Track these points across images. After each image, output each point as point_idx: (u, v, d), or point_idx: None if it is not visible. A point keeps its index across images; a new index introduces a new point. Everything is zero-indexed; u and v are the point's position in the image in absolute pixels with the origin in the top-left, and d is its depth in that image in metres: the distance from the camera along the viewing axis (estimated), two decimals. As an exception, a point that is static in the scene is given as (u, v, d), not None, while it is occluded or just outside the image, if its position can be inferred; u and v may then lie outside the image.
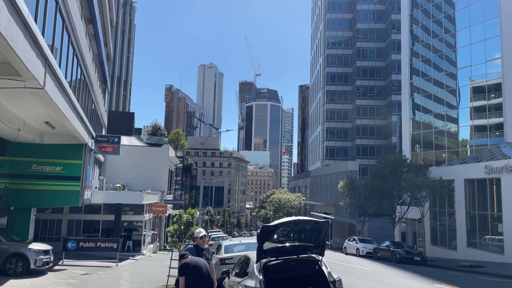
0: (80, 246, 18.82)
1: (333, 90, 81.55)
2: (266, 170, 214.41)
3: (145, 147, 36.25)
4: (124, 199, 24.05)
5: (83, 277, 14.82)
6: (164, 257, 27.03)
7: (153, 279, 14.93)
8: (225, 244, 13.67)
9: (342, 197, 52.62)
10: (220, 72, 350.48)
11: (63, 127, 16.25)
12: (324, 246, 7.75)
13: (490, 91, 33.55)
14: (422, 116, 40.84)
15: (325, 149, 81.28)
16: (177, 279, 7.13)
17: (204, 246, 7.91)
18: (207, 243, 12.98)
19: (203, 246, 7.91)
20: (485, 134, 33.97)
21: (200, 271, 6.49)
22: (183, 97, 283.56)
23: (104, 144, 21.79)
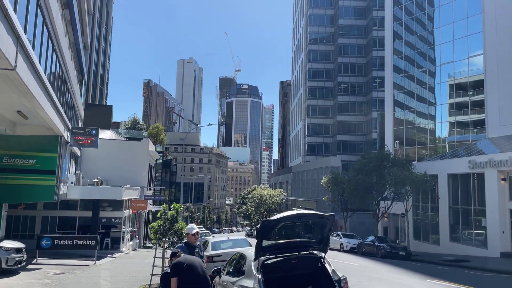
0: (55, 244, 17.78)
1: (314, 86, 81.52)
2: (246, 166, 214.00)
3: (124, 141, 35.05)
4: (102, 194, 22.99)
5: (59, 277, 13.88)
6: (144, 254, 26.11)
7: (135, 278, 14.13)
8: (212, 241, 13.01)
9: (324, 192, 52.55)
10: (200, 67, 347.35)
11: (37, 117, 15.20)
12: (327, 242, 7.18)
13: (469, 87, 33.88)
14: (403, 112, 41.02)
15: (306, 145, 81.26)
16: (162, 276, 6.44)
17: (196, 243, 7.24)
18: None
19: (195, 244, 7.23)
20: (466, 130, 34.31)
21: (195, 271, 5.82)
22: (162, 92, 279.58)
23: (81, 137, 20.71)
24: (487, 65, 31.21)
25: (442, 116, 38.42)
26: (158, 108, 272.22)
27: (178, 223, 12.63)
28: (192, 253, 6.87)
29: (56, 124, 16.46)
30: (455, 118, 35.24)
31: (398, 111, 41.83)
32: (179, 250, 6.43)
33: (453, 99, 35.83)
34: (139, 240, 32.47)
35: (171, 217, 12.60)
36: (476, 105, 33.34)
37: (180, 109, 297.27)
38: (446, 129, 38.48)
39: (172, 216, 12.63)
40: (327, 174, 46.37)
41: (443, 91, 38.05)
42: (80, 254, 20.48)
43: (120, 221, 24.71)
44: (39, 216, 23.63)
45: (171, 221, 12.60)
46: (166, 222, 12.56)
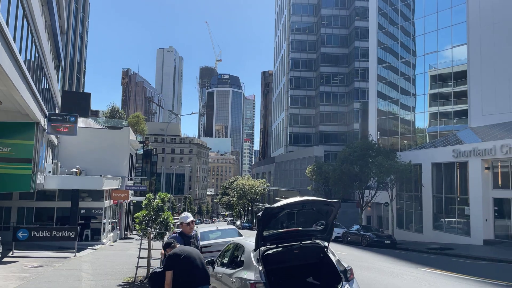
0: (32, 236, 16.93)
1: (297, 76, 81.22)
2: (228, 157, 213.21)
3: (104, 130, 33.94)
4: (81, 184, 22.11)
5: (37, 270, 13.14)
6: (126, 246, 25.41)
7: (118, 271, 13.52)
8: (200, 231, 12.50)
9: (308, 182, 52.56)
10: (180, 57, 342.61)
11: (12, 101, 14.28)
12: (331, 231, 6.77)
13: (452, 78, 34.12)
14: (386, 103, 41.14)
15: (288, 135, 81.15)
16: (151, 277, 5.90)
17: (191, 233, 6.71)
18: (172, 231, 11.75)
19: (191, 233, 6.70)
20: (448, 120, 34.62)
21: (193, 263, 5.31)
22: (141, 81, 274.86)
23: (58, 124, 19.74)
24: (470, 56, 31.42)
25: (425, 106, 38.70)
26: (137, 97, 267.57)
27: (164, 213, 12.07)
28: (188, 243, 6.37)
29: (33, 109, 15.55)
30: (438, 109, 35.51)
31: (381, 101, 41.96)
32: (173, 241, 5.90)
33: (436, 90, 36.06)
34: (120, 231, 31.67)
35: (157, 207, 12.03)
36: (458, 95, 33.65)
37: (159, 99, 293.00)
38: (428, 119, 38.81)
39: (157, 205, 12.06)
40: (311, 164, 46.32)
41: (426, 82, 38.28)
42: (59, 246, 19.69)
43: (101, 212, 23.90)
44: (14, 207, 22.60)
45: (157, 211, 12.03)
46: (151, 212, 11.98)
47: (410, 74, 39.32)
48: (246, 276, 6.02)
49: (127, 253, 20.32)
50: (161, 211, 12.05)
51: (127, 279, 11.67)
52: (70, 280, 11.41)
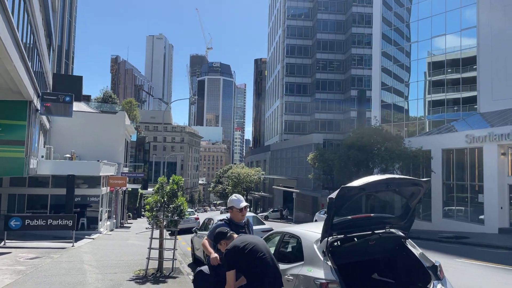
0: (26, 225, 15.54)
1: (292, 63, 79.77)
2: (219, 146, 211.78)
3: (98, 114, 32.33)
4: (77, 170, 20.64)
5: (34, 262, 11.82)
6: (124, 235, 24.12)
7: (124, 262, 12.26)
8: (217, 218, 11.24)
9: (306, 170, 51.56)
10: (170, 44, 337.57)
11: (3, 74, 12.78)
12: (413, 218, 5.58)
13: (455, 64, 33.17)
14: (389, 88, 40.11)
15: (283, 124, 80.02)
16: (199, 273, 4.68)
17: (242, 221, 5.35)
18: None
19: (241, 222, 5.32)
20: (450, 108, 33.78)
21: (263, 258, 3.99)
22: (131, 69, 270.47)
23: (52, 104, 18.19)
24: (480, 39, 30.39)
25: (423, 93, 37.82)
26: (127, 85, 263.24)
27: (179, 198, 10.80)
28: (239, 232, 5.13)
29: (26, 85, 14.04)
30: (446, 96, 34.55)
31: (384, 87, 40.90)
32: (228, 229, 4.62)
33: (444, 76, 35.06)
34: (116, 220, 30.30)
35: (171, 191, 10.75)
36: (465, 81, 32.74)
37: (149, 87, 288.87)
38: (429, 106, 38.00)
39: (172, 190, 10.78)
40: (309, 151, 45.29)
41: (430, 67, 37.31)
42: (54, 236, 18.36)
43: (97, 200, 22.50)
44: (4, 194, 21.09)
45: (170, 196, 10.75)
46: (164, 197, 10.70)
47: (414, 58, 38.24)
48: (312, 273, 4.81)
49: (128, 243, 19.06)
50: (175, 197, 10.79)
51: (137, 272, 10.43)
52: (73, 274, 10.13)
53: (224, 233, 4.47)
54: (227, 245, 4.22)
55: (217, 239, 4.49)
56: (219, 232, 4.53)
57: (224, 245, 4.28)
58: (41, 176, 20.88)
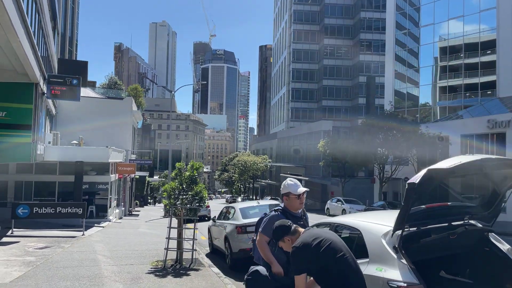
0: (34, 213, 14.87)
1: (299, 49, 78.34)
2: (224, 134, 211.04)
3: (105, 99, 31.58)
4: (86, 156, 19.94)
5: (44, 252, 11.17)
6: (133, 223, 23.55)
7: (139, 253, 11.58)
8: (239, 207, 10.51)
9: (315, 158, 50.74)
10: (173, 31, 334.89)
11: (8, 54, 12.01)
12: (499, 208, 4.76)
13: (480, 48, 31.99)
14: (404, 72, 39.01)
15: (290, 111, 79.00)
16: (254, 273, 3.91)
17: (299, 211, 4.35)
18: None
19: (298, 211, 4.33)
20: (475, 93, 32.71)
21: (343, 260, 3.12)
22: (134, 57, 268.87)
23: (59, 87, 17.41)
24: (500, 21, 29.17)
25: (441, 78, 36.74)
26: (131, 73, 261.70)
27: (198, 185, 10.05)
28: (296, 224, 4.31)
29: (32, 65, 13.25)
30: (463, 81, 33.43)
31: (398, 69, 39.71)
32: (290, 221, 3.63)
33: (461, 60, 33.90)
34: (125, 207, 29.75)
35: (190, 178, 9.99)
36: (483, 66, 31.61)
37: (153, 75, 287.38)
38: (438, 92, 37.02)
39: (191, 176, 10.02)
40: (318, 139, 44.39)
41: (446, 51, 36.15)
42: (63, 224, 17.79)
43: (106, 187, 21.87)
44: (11, 181, 20.48)
45: (190, 183, 10.00)
46: (183, 183, 9.95)
47: (428, 41, 37.06)
48: (384, 274, 3.99)
49: (139, 231, 18.46)
50: (194, 183, 10.04)
51: (155, 264, 9.74)
52: (86, 265, 9.45)
53: (287, 226, 3.46)
54: (292, 242, 3.32)
55: (279, 235, 3.47)
56: (281, 225, 3.50)
57: (289, 243, 3.37)
58: (49, 162, 20.22)
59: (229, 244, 9.73)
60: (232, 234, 9.63)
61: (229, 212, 11.13)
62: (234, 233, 9.52)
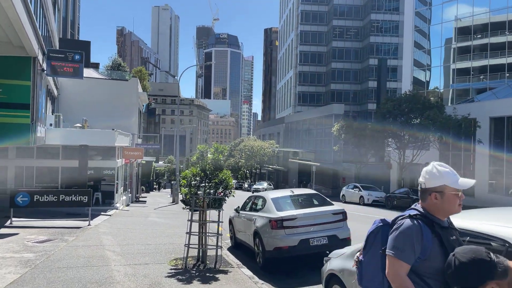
0: (35, 201, 13.49)
1: (307, 31, 75.99)
2: (228, 119, 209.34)
3: (110, 80, 30.01)
4: (91, 139, 18.46)
5: (45, 247, 9.78)
6: (142, 210, 22.19)
7: (153, 248, 10.17)
8: (271, 197, 8.94)
9: (326, 142, 49.23)
10: (176, 15, 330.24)
11: (2, 24, 10.47)
12: None
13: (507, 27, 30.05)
14: (420, 53, 37.11)
15: (297, 95, 77.11)
16: None
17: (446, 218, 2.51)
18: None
19: (445, 220, 2.47)
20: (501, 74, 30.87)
21: None
22: (137, 41, 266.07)
23: (60, 63, 15.84)
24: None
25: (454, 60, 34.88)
26: (133, 58, 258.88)
27: (223, 171, 8.56)
28: (449, 243, 2.62)
29: (29, 36, 11.68)
30: (489, 61, 31.54)
31: (416, 52, 37.82)
32: (489, 252, 1.97)
33: (486, 39, 31.95)
34: (132, 194, 28.43)
35: (214, 162, 8.50)
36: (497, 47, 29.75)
37: (156, 59, 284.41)
38: (452, 74, 35.27)
39: (215, 160, 8.52)
40: (330, 123, 42.81)
41: (461, 32, 34.27)
42: (67, 213, 16.42)
43: (112, 173, 20.46)
44: (11, 167, 19.09)
45: (214, 169, 8.51)
46: (206, 169, 8.45)
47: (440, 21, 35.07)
48: None
49: (149, 221, 17.09)
50: (218, 170, 8.55)
51: (173, 263, 8.32)
52: (94, 265, 8.04)
53: (491, 262, 1.94)
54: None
55: (476, 278, 1.95)
56: (478, 261, 1.97)
57: None
58: (51, 146, 18.81)
59: (260, 240, 8.27)
60: (264, 229, 8.16)
61: (256, 202, 9.64)
62: (267, 228, 8.04)
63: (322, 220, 8.00)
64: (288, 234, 7.77)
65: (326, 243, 7.81)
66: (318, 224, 7.93)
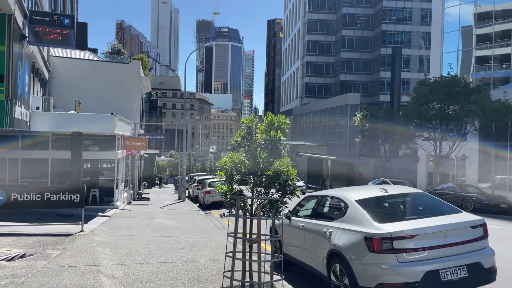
0: (12, 200, 10.44)
1: (315, 19, 72.66)
2: (229, 113, 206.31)
3: (109, 63, 26.97)
4: (85, 125, 15.33)
5: (13, 270, 6.75)
6: (146, 210, 19.13)
7: (170, 271, 7.11)
8: (357, 198, 5.73)
9: (340, 134, 46.16)
10: (176, 9, 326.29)
11: None
12: None
13: None
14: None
15: (304, 86, 73.92)
16: None
17: None
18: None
19: None
20: None
21: None
22: (136, 34, 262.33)
23: (46, 28, 12.72)
24: None
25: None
26: (133, 52, 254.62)
27: (285, 158, 5.49)
28: None
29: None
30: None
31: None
32: None
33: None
34: (133, 190, 25.40)
35: (271, 141, 5.43)
36: None
37: (156, 53, 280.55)
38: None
39: (271, 140, 5.46)
40: (345, 113, 39.77)
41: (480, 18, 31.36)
42: (57, 213, 13.46)
43: (112, 166, 17.40)
44: (-10, 158, 16.01)
45: (271, 151, 5.44)
46: (257, 156, 5.36)
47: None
48: None
49: (156, 223, 14.06)
50: (276, 155, 5.48)
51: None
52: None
53: None
54: None
55: None
56: None
57: None
58: (38, 134, 15.73)
59: (346, 269, 5.14)
60: (354, 252, 5.05)
61: (324, 205, 6.56)
62: (361, 249, 4.94)
63: (456, 239, 4.96)
64: (404, 262, 4.70)
65: (465, 276, 4.79)
66: (450, 245, 4.89)
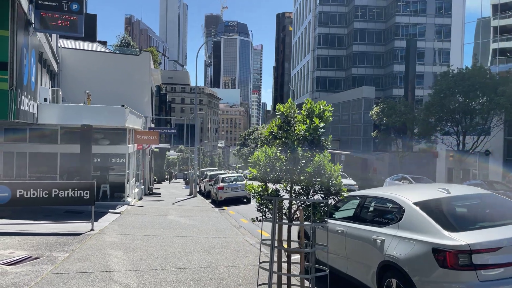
0: (17, 197, 9.76)
1: (326, 11, 71.29)
2: (237, 108, 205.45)
3: (118, 55, 26.27)
4: (95, 117, 14.61)
5: (15, 277, 6.04)
6: (159, 207, 18.40)
7: (190, 279, 6.34)
8: (415, 200, 4.81)
9: (354, 129, 45.11)
10: (184, 3, 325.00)
11: None
12: None
13: None
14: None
15: (315, 80, 72.76)
16: None
17: None
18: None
19: None
20: None
21: None
22: (145, 29, 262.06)
23: (53, 13, 11.96)
24: None
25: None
26: (142, 46, 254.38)
27: (324, 152, 4.66)
28: None
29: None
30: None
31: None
32: None
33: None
34: (144, 186, 24.76)
35: (309, 135, 4.61)
36: None
37: (164, 48, 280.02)
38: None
39: (311, 131, 4.63)
40: (359, 107, 38.71)
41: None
42: (65, 210, 12.80)
43: (123, 160, 16.71)
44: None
45: (311, 144, 4.62)
46: (294, 149, 4.53)
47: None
48: None
49: (169, 221, 13.33)
50: (318, 147, 4.64)
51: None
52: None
53: None
54: None
55: None
56: None
57: None
58: (46, 127, 15.09)
59: (407, 286, 4.29)
60: (417, 266, 4.05)
61: (369, 207, 5.67)
62: (427, 264, 3.99)
63: None
64: (487, 281, 3.83)
65: None
66: None
